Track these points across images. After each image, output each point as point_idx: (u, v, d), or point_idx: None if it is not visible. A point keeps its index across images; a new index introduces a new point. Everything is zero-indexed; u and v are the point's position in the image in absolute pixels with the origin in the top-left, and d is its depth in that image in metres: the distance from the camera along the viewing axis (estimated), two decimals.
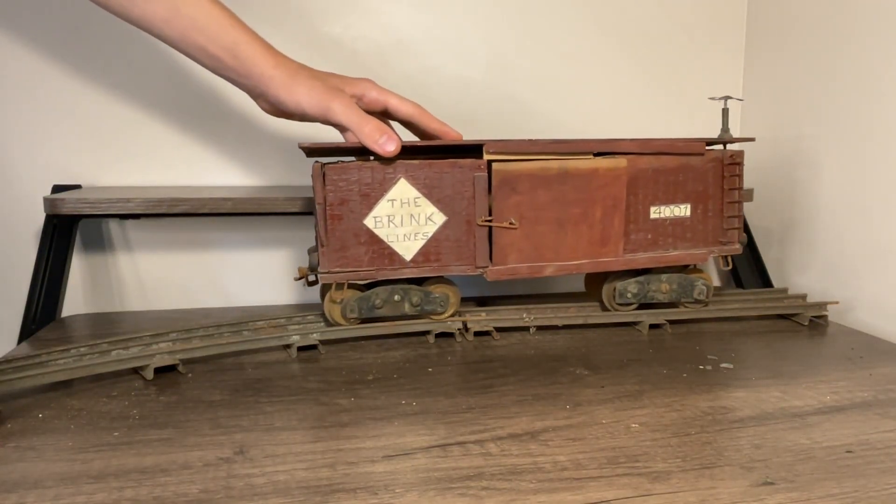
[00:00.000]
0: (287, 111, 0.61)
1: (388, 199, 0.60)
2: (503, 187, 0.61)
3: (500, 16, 0.87)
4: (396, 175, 0.60)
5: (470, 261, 0.63)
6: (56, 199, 0.70)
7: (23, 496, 0.38)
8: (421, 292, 0.64)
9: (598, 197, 0.64)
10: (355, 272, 0.61)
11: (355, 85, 0.63)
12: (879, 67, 0.73)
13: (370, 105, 0.64)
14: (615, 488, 0.39)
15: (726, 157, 0.68)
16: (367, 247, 0.60)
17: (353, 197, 0.59)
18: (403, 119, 0.66)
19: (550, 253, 0.64)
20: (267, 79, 0.58)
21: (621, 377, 0.56)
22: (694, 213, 0.68)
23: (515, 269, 0.63)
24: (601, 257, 0.65)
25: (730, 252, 0.69)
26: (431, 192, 0.61)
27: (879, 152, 0.73)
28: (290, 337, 0.62)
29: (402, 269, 0.62)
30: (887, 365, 0.60)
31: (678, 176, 0.67)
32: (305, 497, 0.38)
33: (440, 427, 0.47)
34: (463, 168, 0.61)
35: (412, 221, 0.61)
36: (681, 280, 0.69)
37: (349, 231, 0.60)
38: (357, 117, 0.59)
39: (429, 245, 0.62)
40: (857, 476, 0.40)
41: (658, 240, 0.67)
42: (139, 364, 0.56)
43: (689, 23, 0.92)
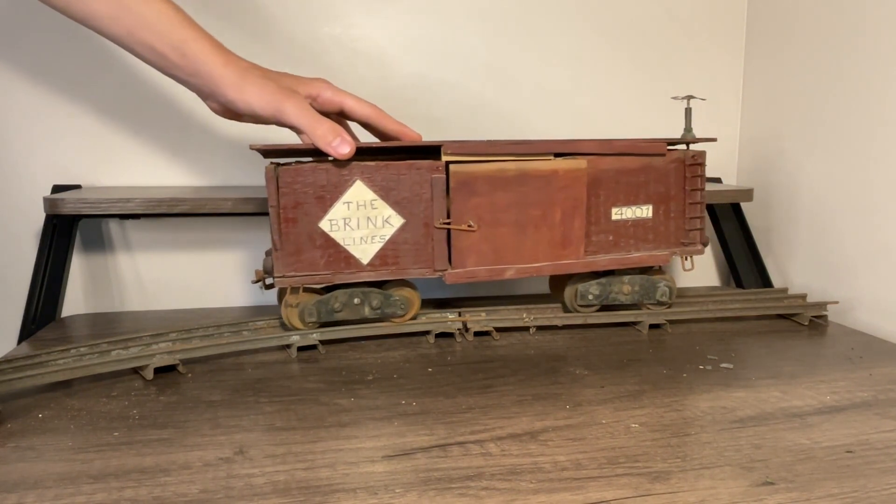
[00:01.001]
0: (237, 112, 0.59)
1: (344, 202, 0.59)
2: (461, 189, 0.61)
3: (500, 17, 0.87)
4: (352, 177, 0.59)
5: (428, 264, 0.62)
6: (56, 199, 0.70)
7: (23, 496, 0.38)
8: (381, 295, 0.63)
9: (558, 198, 0.63)
10: (311, 276, 0.60)
11: (309, 85, 0.62)
12: (880, 66, 0.73)
13: (325, 106, 0.62)
14: (615, 488, 0.39)
15: (688, 158, 0.67)
16: (323, 250, 0.59)
17: (308, 199, 0.58)
18: (360, 120, 0.64)
19: (510, 255, 0.63)
20: (216, 78, 0.57)
21: (621, 377, 0.56)
22: (656, 215, 0.67)
23: (475, 271, 0.62)
24: (562, 259, 0.64)
25: (692, 253, 0.69)
26: (388, 195, 0.60)
27: (880, 152, 0.73)
28: (290, 337, 0.62)
29: (359, 272, 0.61)
30: (887, 365, 0.60)
31: (640, 177, 0.66)
32: (305, 497, 0.38)
33: (440, 427, 0.47)
34: (420, 169, 0.60)
35: (369, 224, 0.60)
36: (643, 282, 0.69)
37: (304, 234, 0.59)
38: (310, 118, 0.57)
39: (386, 248, 0.61)
40: (857, 476, 0.40)
41: (620, 241, 0.67)
42: (139, 364, 0.56)
43: (689, 23, 0.92)
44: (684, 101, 0.68)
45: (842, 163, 0.78)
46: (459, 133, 0.86)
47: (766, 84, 0.91)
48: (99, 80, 0.79)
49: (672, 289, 0.70)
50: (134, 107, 0.80)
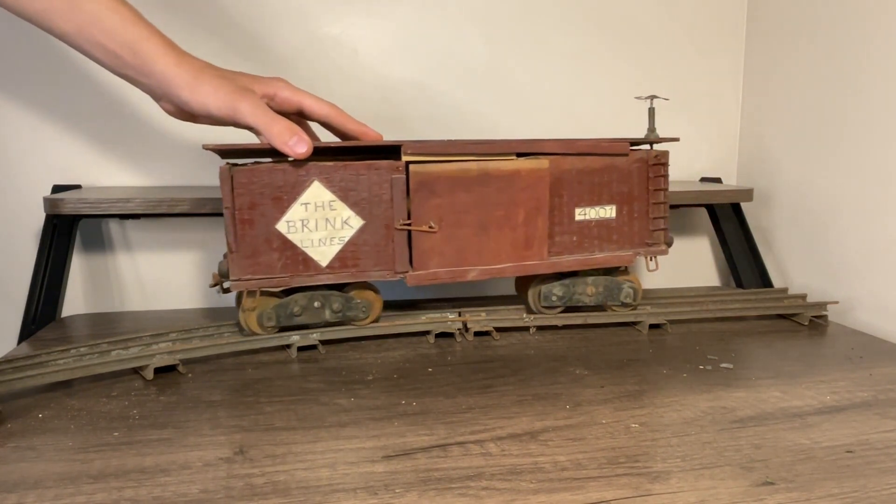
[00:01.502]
0: (192, 113, 0.57)
1: (302, 203, 0.58)
2: (421, 189, 0.60)
3: (500, 17, 0.87)
4: (310, 177, 0.58)
5: (389, 266, 0.61)
6: (56, 199, 0.70)
7: (23, 496, 0.38)
8: (342, 298, 0.62)
9: (520, 199, 0.62)
10: (268, 279, 0.58)
11: (266, 84, 0.61)
12: (880, 66, 0.73)
13: (282, 105, 0.61)
14: (615, 488, 0.39)
15: (651, 158, 0.67)
16: (280, 252, 0.58)
17: (265, 201, 0.57)
18: (320, 120, 0.63)
19: (473, 257, 0.62)
20: (169, 77, 0.55)
21: (621, 377, 0.56)
22: (619, 215, 0.67)
23: (436, 273, 0.61)
24: (525, 260, 0.64)
25: (656, 253, 0.68)
26: (347, 195, 0.59)
27: (880, 152, 0.73)
28: (290, 337, 0.62)
29: (317, 275, 0.60)
30: (887, 365, 0.60)
31: (603, 177, 0.65)
32: (305, 497, 0.38)
33: (440, 427, 0.47)
34: (380, 170, 0.59)
35: (327, 226, 0.59)
36: (607, 283, 0.69)
37: (260, 236, 0.57)
38: (266, 118, 0.56)
39: (346, 250, 0.60)
40: (857, 476, 0.40)
41: (583, 242, 0.66)
42: (139, 364, 0.56)
43: (689, 23, 0.92)
44: (647, 100, 0.67)
45: (842, 163, 0.78)
46: (459, 133, 0.86)
47: (766, 84, 0.91)
48: (100, 79, 0.79)
49: (636, 290, 0.69)
50: (134, 107, 0.80)
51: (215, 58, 0.80)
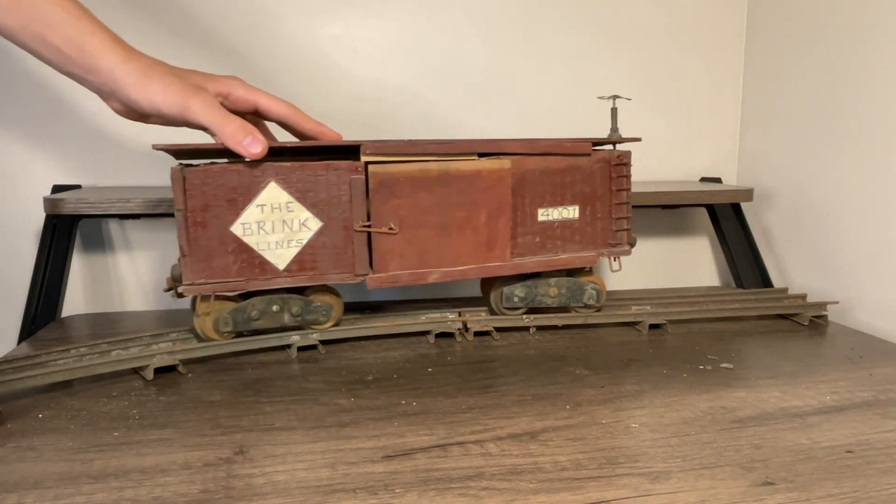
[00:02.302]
0: (142, 112, 0.55)
1: (257, 205, 0.56)
2: (381, 190, 0.59)
3: (501, 17, 0.87)
4: (265, 178, 0.56)
5: (349, 268, 0.60)
6: (56, 199, 0.70)
7: (23, 496, 0.38)
8: (301, 301, 0.61)
9: (482, 200, 0.62)
10: (223, 283, 0.57)
11: (220, 82, 0.59)
12: (880, 67, 0.73)
13: (237, 104, 0.59)
14: (615, 488, 0.39)
15: (613, 158, 0.66)
16: (236, 256, 0.57)
17: (219, 202, 0.55)
18: (276, 119, 0.62)
19: (434, 259, 0.61)
20: (116, 75, 0.53)
21: (621, 377, 0.56)
22: (582, 215, 0.66)
23: (397, 276, 0.60)
24: (488, 262, 0.63)
25: (619, 253, 0.68)
26: (305, 196, 0.57)
27: (880, 152, 0.73)
28: (290, 337, 0.62)
29: (274, 278, 0.58)
30: (887, 365, 0.60)
31: (565, 177, 0.65)
32: (305, 497, 0.38)
33: (440, 427, 0.47)
34: (339, 170, 0.58)
35: (285, 228, 0.57)
36: (570, 284, 0.68)
37: (215, 239, 0.56)
38: (219, 117, 0.54)
39: (304, 252, 0.58)
40: (857, 476, 0.40)
41: (547, 243, 0.65)
42: (139, 364, 0.56)
43: (689, 23, 0.92)
44: (610, 100, 0.67)
45: (842, 162, 0.78)
46: (457, 134, 0.86)
47: (766, 84, 0.91)
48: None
49: (600, 291, 0.69)
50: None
51: (215, 58, 0.80)
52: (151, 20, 0.78)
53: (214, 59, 0.80)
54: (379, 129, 0.85)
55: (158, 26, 0.78)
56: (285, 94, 0.82)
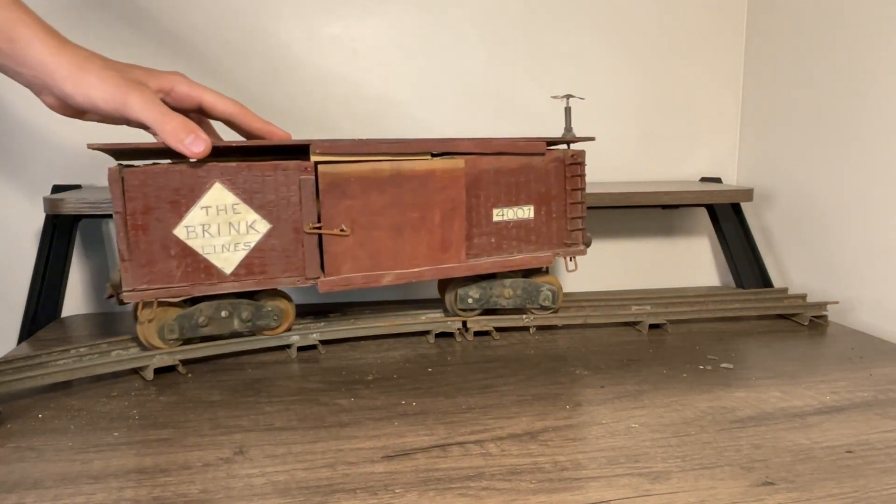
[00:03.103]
0: (77, 107, 0.53)
1: (202, 206, 0.54)
2: (332, 191, 0.57)
3: (501, 17, 0.87)
4: (210, 179, 0.54)
5: (299, 272, 0.58)
6: (56, 199, 0.70)
7: (23, 496, 0.38)
8: (252, 307, 0.59)
9: (436, 200, 0.60)
10: (166, 289, 0.55)
11: (162, 78, 0.56)
12: (880, 67, 0.73)
13: (180, 101, 0.57)
14: (615, 488, 0.39)
15: (568, 157, 0.66)
16: (179, 260, 0.55)
17: (161, 204, 0.53)
18: (222, 118, 0.59)
19: (388, 261, 0.60)
20: (49, 67, 0.50)
21: (621, 377, 0.56)
22: (538, 215, 0.65)
23: (350, 279, 0.59)
24: (443, 263, 0.62)
25: (575, 253, 0.67)
26: (252, 198, 0.56)
27: (880, 151, 0.73)
28: (290, 337, 0.62)
29: (221, 283, 0.56)
30: (887, 365, 0.60)
31: (520, 177, 0.64)
32: (305, 497, 0.38)
33: (440, 427, 0.47)
34: (287, 170, 0.56)
35: (231, 230, 0.55)
36: (525, 285, 0.67)
37: (157, 243, 0.54)
38: (159, 113, 0.52)
39: (252, 256, 0.56)
40: (857, 476, 0.40)
41: (502, 243, 0.64)
42: (139, 364, 0.56)
43: (689, 23, 0.92)
44: (563, 99, 0.66)
45: (842, 163, 0.78)
46: (458, 134, 0.86)
47: (766, 84, 0.91)
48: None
49: (556, 292, 0.68)
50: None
51: (215, 58, 0.80)
52: (150, 19, 0.78)
53: (213, 59, 0.80)
54: (379, 130, 0.85)
55: (158, 26, 0.78)
56: (286, 94, 0.82)
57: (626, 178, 0.93)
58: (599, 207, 0.84)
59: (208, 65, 0.80)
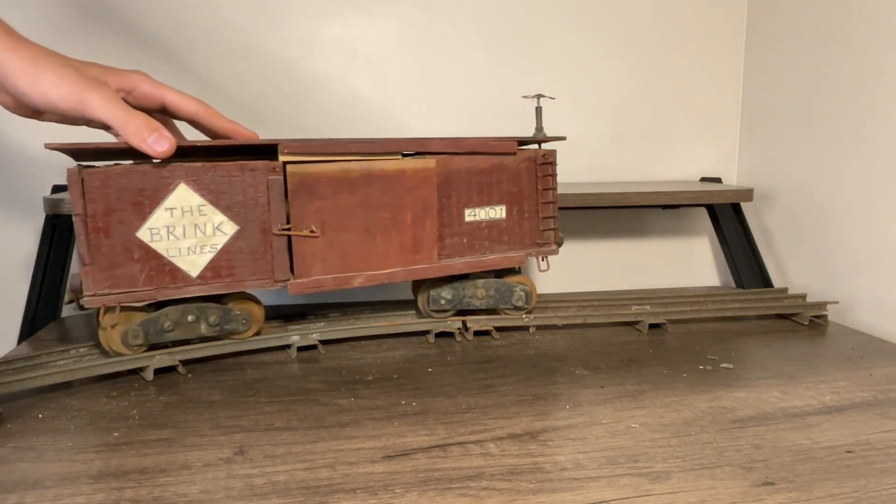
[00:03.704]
0: (34, 106, 0.51)
1: (166, 208, 0.53)
2: (301, 191, 0.56)
3: (501, 17, 0.87)
4: (175, 180, 0.53)
5: (268, 274, 0.57)
6: (56, 199, 0.70)
7: (23, 496, 0.38)
8: (220, 310, 0.58)
9: (407, 200, 0.60)
10: (129, 293, 0.53)
11: (122, 76, 0.55)
12: (880, 67, 0.73)
13: (143, 100, 0.56)
14: (615, 488, 0.39)
15: (539, 157, 0.65)
16: (143, 263, 0.53)
17: (123, 206, 0.52)
18: (186, 117, 0.58)
19: (359, 262, 0.59)
20: (3, 63, 0.49)
21: (621, 377, 0.56)
22: (510, 215, 0.65)
23: (320, 281, 0.58)
24: (414, 264, 0.61)
25: (547, 253, 0.67)
26: (219, 199, 0.54)
27: (880, 152, 0.73)
28: (290, 337, 0.62)
29: (187, 286, 0.55)
30: (887, 365, 0.60)
31: (492, 177, 0.63)
32: (305, 497, 0.38)
33: (440, 427, 0.47)
34: (255, 171, 0.55)
35: (197, 232, 0.54)
36: (498, 286, 0.67)
37: (119, 246, 0.52)
38: (120, 112, 0.50)
39: (219, 258, 0.55)
40: (857, 476, 0.40)
41: (474, 244, 0.64)
42: (139, 364, 0.56)
43: (689, 23, 0.92)
44: (534, 99, 0.66)
45: (842, 163, 0.78)
46: (459, 134, 0.86)
47: (766, 84, 0.91)
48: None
49: (529, 292, 0.68)
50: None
51: (214, 58, 0.80)
52: (148, 19, 0.78)
53: (213, 60, 0.80)
54: (379, 129, 0.85)
55: (156, 25, 0.78)
56: (286, 95, 0.82)
57: (626, 177, 0.93)
58: (600, 207, 0.84)
59: (209, 65, 0.80)
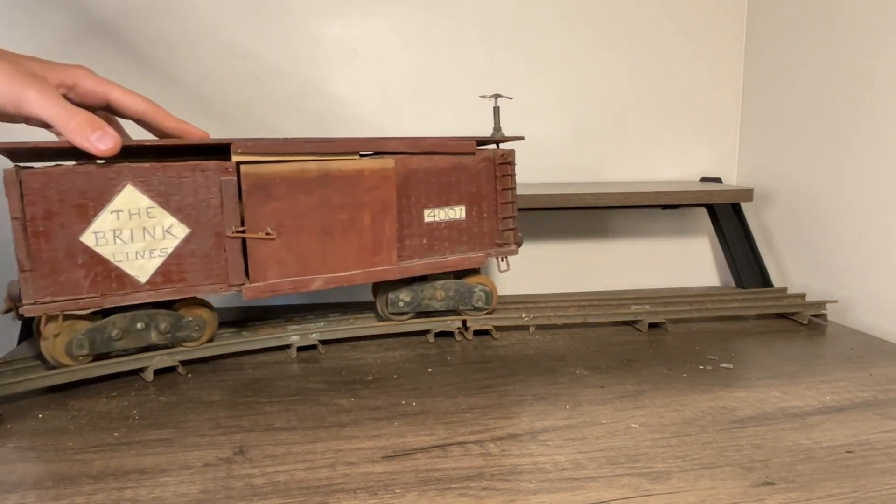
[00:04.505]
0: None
1: (112, 211, 0.50)
2: (256, 192, 0.54)
3: (502, 17, 0.87)
4: (121, 181, 0.51)
5: (222, 278, 0.55)
6: None
7: (23, 496, 0.38)
8: (170, 317, 0.56)
9: (366, 201, 0.59)
10: (72, 301, 0.50)
11: (63, 72, 0.52)
12: (880, 67, 0.73)
13: (85, 97, 0.53)
14: (615, 488, 0.39)
15: (498, 157, 0.65)
16: (88, 269, 0.51)
17: (65, 209, 0.49)
18: (132, 116, 0.56)
19: (317, 265, 0.58)
20: None
21: (621, 377, 0.56)
22: (469, 216, 0.64)
23: (277, 284, 0.56)
24: (374, 266, 0.60)
25: (506, 253, 0.66)
26: (168, 201, 0.52)
27: (879, 152, 0.73)
28: (290, 337, 0.62)
29: (135, 293, 0.52)
30: (887, 365, 0.60)
31: (451, 177, 0.63)
32: (305, 497, 0.38)
33: (440, 427, 0.47)
34: (207, 171, 0.53)
35: (146, 236, 0.52)
36: (458, 287, 0.66)
37: (61, 251, 0.49)
38: (61, 109, 0.48)
39: (169, 263, 0.53)
40: (857, 476, 0.40)
41: (434, 244, 0.63)
42: (139, 365, 0.56)
43: (689, 23, 0.92)
44: (492, 99, 0.65)
45: (842, 162, 0.78)
46: (459, 134, 0.86)
47: (766, 84, 0.91)
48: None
49: (489, 293, 0.67)
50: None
51: (214, 59, 0.80)
52: (147, 19, 0.78)
53: (213, 60, 0.80)
54: (379, 129, 0.85)
55: (156, 25, 0.78)
56: (285, 95, 0.82)
57: (626, 177, 0.93)
58: (600, 207, 0.84)
59: (208, 65, 0.80)
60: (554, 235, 0.92)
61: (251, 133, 0.82)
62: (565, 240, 0.92)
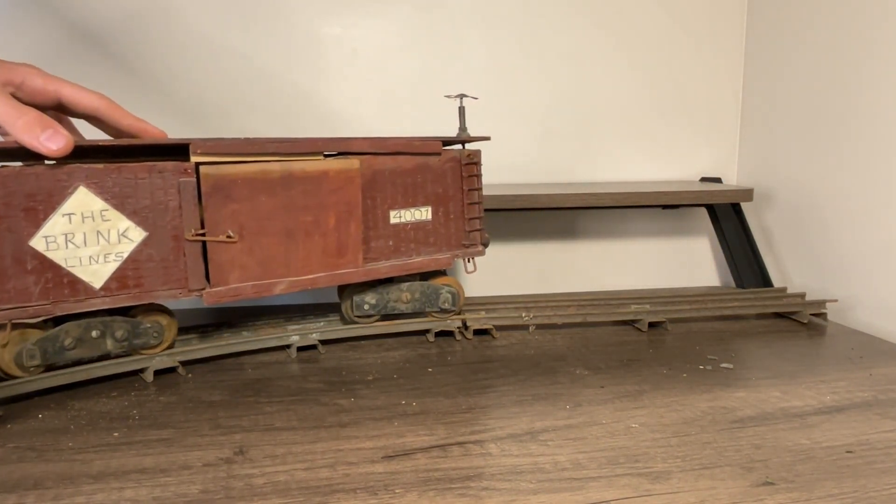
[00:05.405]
0: None
1: (64, 214, 0.48)
2: (216, 194, 0.52)
3: (502, 17, 0.87)
4: (73, 183, 0.48)
5: (181, 283, 0.53)
6: None
7: (23, 496, 0.38)
8: (127, 324, 0.54)
9: (330, 202, 0.57)
10: (21, 308, 0.48)
11: (10, 70, 0.51)
12: (880, 67, 0.73)
13: (34, 96, 0.52)
14: (615, 488, 0.39)
15: (464, 157, 0.64)
16: (38, 275, 0.48)
17: (12, 212, 0.47)
18: (85, 114, 0.54)
19: (280, 268, 0.56)
20: None
21: (621, 377, 0.56)
22: (436, 216, 0.63)
23: (239, 289, 0.55)
24: (339, 269, 0.59)
25: (473, 254, 0.65)
26: (124, 203, 0.50)
27: (880, 151, 0.73)
28: (290, 337, 0.62)
29: (89, 299, 0.50)
30: (887, 365, 0.60)
31: (416, 177, 0.62)
32: (305, 497, 0.38)
33: (440, 427, 0.47)
34: (164, 172, 0.51)
35: (100, 240, 0.50)
36: (423, 289, 0.66)
37: (9, 256, 0.47)
38: (8, 107, 0.46)
39: (125, 267, 0.51)
40: (857, 476, 0.40)
41: (400, 246, 0.62)
42: (139, 366, 0.56)
43: (689, 23, 0.92)
44: (457, 99, 0.65)
45: (841, 163, 0.78)
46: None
47: (766, 84, 0.91)
48: (100, 80, 0.78)
49: (456, 294, 0.67)
50: (135, 107, 0.80)
51: (214, 59, 0.80)
52: (146, 18, 0.78)
53: (213, 60, 0.80)
54: (379, 130, 0.85)
55: (155, 24, 0.78)
56: (285, 95, 0.82)
57: (626, 177, 0.93)
58: (600, 207, 0.84)
59: (207, 65, 0.80)
60: (554, 235, 0.92)
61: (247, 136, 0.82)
62: (565, 240, 0.92)
